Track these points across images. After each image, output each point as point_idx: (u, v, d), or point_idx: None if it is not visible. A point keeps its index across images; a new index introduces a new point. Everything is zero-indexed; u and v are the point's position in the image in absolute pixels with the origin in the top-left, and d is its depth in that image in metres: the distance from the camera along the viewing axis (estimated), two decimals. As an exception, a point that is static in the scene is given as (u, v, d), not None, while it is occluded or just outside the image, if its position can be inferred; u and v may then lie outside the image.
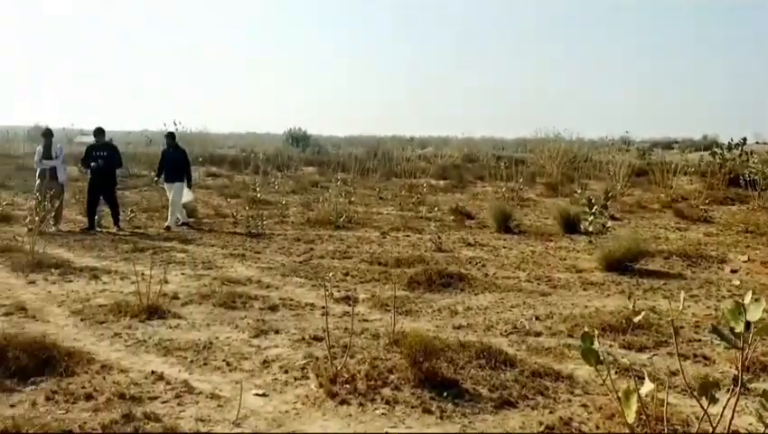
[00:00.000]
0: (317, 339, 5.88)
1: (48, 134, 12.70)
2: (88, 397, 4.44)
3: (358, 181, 21.07)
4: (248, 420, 4.20)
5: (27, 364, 4.82)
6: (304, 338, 5.91)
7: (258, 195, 15.29)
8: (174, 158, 13.02)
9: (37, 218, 10.10)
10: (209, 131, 40.63)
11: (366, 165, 24.19)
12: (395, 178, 23.47)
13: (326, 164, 27.34)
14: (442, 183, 22.80)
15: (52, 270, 8.45)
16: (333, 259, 9.79)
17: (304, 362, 5.28)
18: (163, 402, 4.43)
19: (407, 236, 12.10)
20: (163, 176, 13.30)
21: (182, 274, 8.52)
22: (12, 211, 13.57)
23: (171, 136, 13.40)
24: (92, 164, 12.23)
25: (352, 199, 15.74)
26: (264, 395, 4.62)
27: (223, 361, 5.28)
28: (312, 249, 10.57)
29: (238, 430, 4.06)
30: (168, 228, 12.28)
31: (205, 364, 5.20)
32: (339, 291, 7.65)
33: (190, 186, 13.01)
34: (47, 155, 12.28)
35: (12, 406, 4.29)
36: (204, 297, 7.24)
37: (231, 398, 4.51)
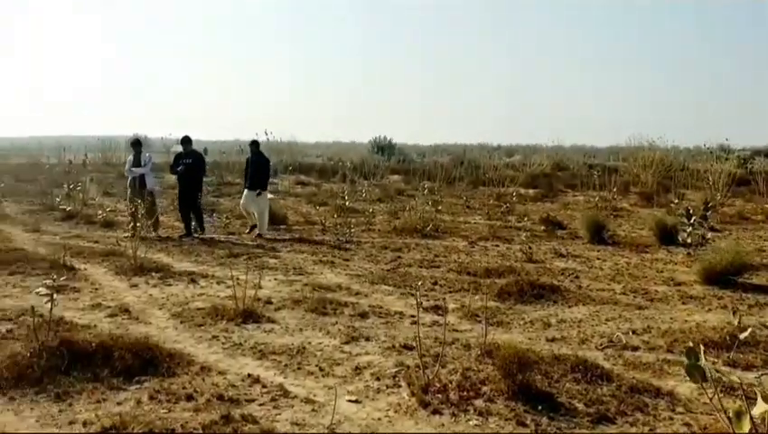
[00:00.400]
0: (407, 347, 5.88)
1: (137, 143, 13.11)
2: (189, 397, 4.59)
3: (444, 189, 21.00)
4: (341, 426, 4.23)
5: (132, 364, 5.03)
6: (394, 346, 5.92)
7: (346, 203, 15.49)
8: (258, 166, 12.98)
9: (138, 224, 10.59)
10: (297, 140, 41.50)
11: (452, 174, 24.10)
12: (482, 187, 23.25)
13: (412, 172, 27.37)
14: (531, 191, 22.43)
15: (153, 274, 8.82)
16: (421, 267, 9.78)
17: (395, 370, 5.28)
18: (260, 405, 4.52)
19: (496, 246, 11.95)
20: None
21: (275, 279, 8.71)
22: (114, 217, 14.28)
23: (254, 143, 13.35)
24: (178, 169, 12.62)
25: (439, 207, 15.70)
26: (357, 401, 4.65)
27: (316, 366, 5.35)
28: (399, 257, 10.59)
29: (333, 436, 4.10)
30: (259, 235, 12.43)
31: (299, 369, 5.29)
32: (428, 300, 7.62)
33: (260, 194, 12.85)
34: (136, 163, 12.68)
35: (118, 403, 4.48)
36: (296, 303, 7.38)
37: (325, 403, 4.56)
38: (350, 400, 4.66)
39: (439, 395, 4.73)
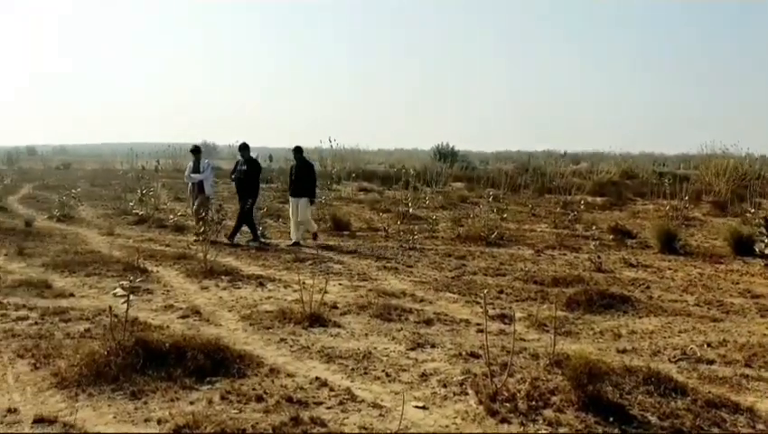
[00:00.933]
0: (474, 355, 5.83)
1: (196, 150, 13.37)
2: (259, 399, 4.66)
3: (509, 197, 20.79)
4: (409, 432, 4.22)
5: (204, 364, 5.14)
6: (460, 354, 5.88)
7: (409, 210, 15.49)
8: (301, 172, 12.72)
9: (203, 228, 10.88)
10: (360, 147, 41.85)
11: (517, 181, 23.84)
12: (548, 194, 22.92)
13: (475, 179, 27.22)
14: (599, 199, 21.95)
15: (223, 277, 9.01)
16: (486, 275, 9.69)
17: (462, 377, 5.24)
18: (328, 408, 4.56)
19: (563, 254, 11.74)
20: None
21: (340, 284, 8.78)
22: (185, 221, 14.68)
23: (296, 149, 13.07)
24: (232, 176, 12.81)
25: (504, 215, 15.54)
26: (424, 408, 4.63)
27: (383, 371, 5.36)
28: (464, 264, 10.53)
29: (401, 441, 4.09)
30: (297, 243, 12.19)
31: (365, 373, 5.31)
32: (494, 308, 7.55)
33: (312, 202, 12.87)
34: (195, 169, 12.88)
35: (191, 403, 4.59)
36: (361, 308, 7.41)
37: (392, 408, 4.56)
38: (416, 407, 4.64)
39: (507, 404, 4.66)
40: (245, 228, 12.60)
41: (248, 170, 12.60)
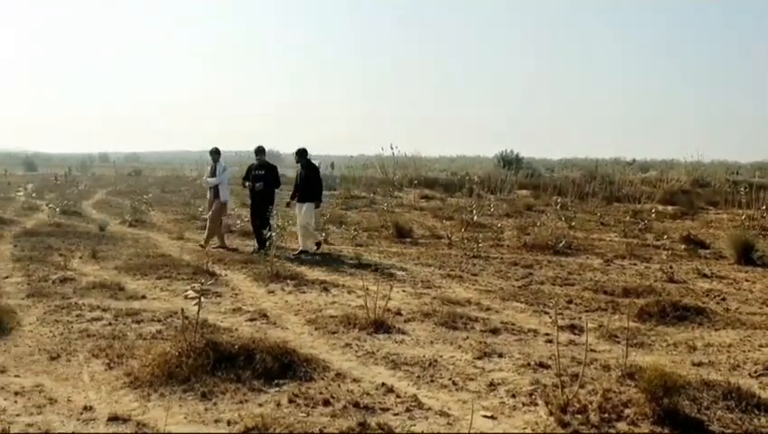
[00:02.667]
0: (543, 366, 5.70)
1: (214, 153, 12.60)
2: (326, 403, 4.66)
3: (576, 205, 20.37)
4: (478, 442, 4.14)
5: (272, 367, 5.18)
6: (529, 364, 5.75)
7: (474, 218, 15.33)
8: (305, 177, 12.01)
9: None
10: (421, 154, 41.74)
11: (584, 189, 23.35)
12: (616, 203, 22.37)
13: (541, 187, 26.80)
14: (669, 208, 21.27)
15: (288, 282, 9.10)
16: (554, 285, 9.49)
17: (531, 388, 5.12)
18: (395, 415, 4.52)
19: (634, 264, 11.41)
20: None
21: (403, 291, 8.74)
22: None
23: (298, 153, 12.32)
24: (247, 183, 12.25)
25: (572, 223, 15.23)
26: (492, 418, 4.54)
27: (449, 379, 5.29)
28: (530, 273, 10.34)
29: (469, 451, 4.02)
30: (304, 252, 11.59)
31: (432, 381, 5.25)
32: (563, 319, 7.37)
33: (318, 207, 12.15)
34: (212, 174, 12.45)
35: (260, 405, 4.62)
36: (426, 316, 7.35)
37: (460, 417, 4.49)
38: (485, 416, 4.56)
39: (579, 416, 4.53)
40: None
41: (265, 175, 12.01)
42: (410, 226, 15.23)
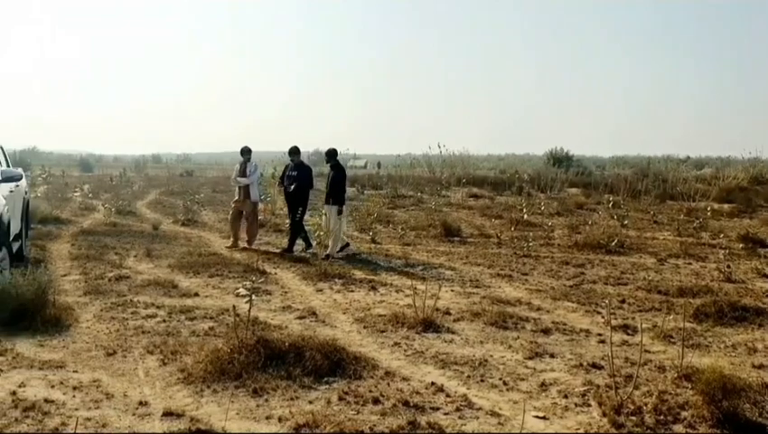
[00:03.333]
0: (596, 366, 5.60)
1: (245, 152, 12.25)
2: (376, 401, 4.66)
3: (628, 203, 19.95)
4: (529, 443, 4.09)
5: (321, 364, 5.20)
6: (581, 364, 5.66)
7: (524, 216, 15.15)
8: (332, 178, 11.74)
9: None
10: (469, 153, 41.48)
11: (636, 187, 22.86)
12: (670, 201, 21.83)
13: (592, 185, 26.35)
14: (726, 206, 20.66)
15: (336, 280, 9.15)
16: (607, 284, 9.31)
17: (583, 388, 5.03)
18: (445, 414, 4.49)
19: (689, 263, 11.12)
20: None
21: (452, 291, 8.69)
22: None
23: (328, 153, 12.11)
24: (281, 183, 12.15)
25: (624, 222, 14.92)
26: (544, 418, 4.48)
27: (500, 379, 5.24)
28: (582, 273, 10.17)
29: (521, 452, 3.96)
30: (328, 256, 10.82)
31: (482, 381, 5.20)
32: (616, 319, 7.21)
33: (340, 211, 11.49)
34: (242, 173, 12.13)
35: (310, 402, 4.65)
36: (475, 315, 7.30)
37: (511, 417, 4.44)
38: (536, 417, 4.50)
39: (633, 417, 4.43)
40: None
41: (297, 177, 11.82)
42: (458, 225, 15.14)
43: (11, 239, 8.27)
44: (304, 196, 11.93)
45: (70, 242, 12.17)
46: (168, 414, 4.36)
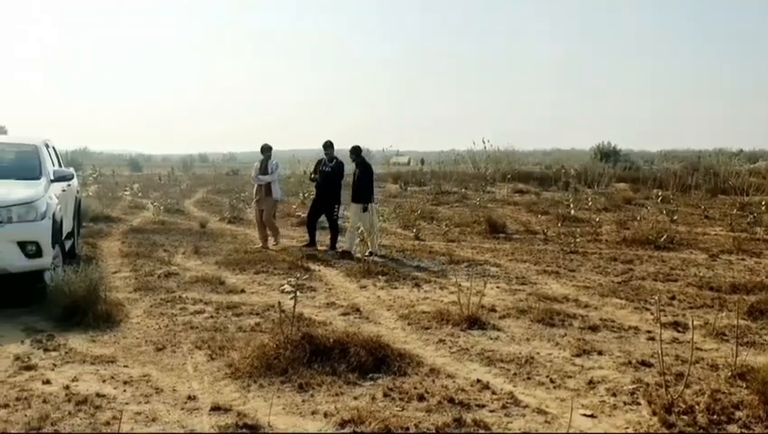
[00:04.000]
0: (645, 364, 5.48)
1: (266, 149, 12.14)
2: (421, 398, 4.64)
3: (678, 198, 19.50)
4: (577, 441, 4.02)
5: (366, 361, 5.20)
6: (630, 362, 5.54)
7: (571, 212, 14.93)
8: (359, 176, 11.53)
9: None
10: (514, 148, 41.07)
11: (686, 181, 22.32)
12: (721, 195, 21.25)
13: (640, 180, 25.82)
14: (781, 200, 20.01)
15: (379, 277, 9.15)
16: (656, 281, 9.11)
17: (632, 386, 4.93)
18: (491, 411, 4.45)
19: (742, 259, 10.81)
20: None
21: (498, 287, 8.61)
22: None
23: (353, 150, 11.81)
24: (313, 177, 11.96)
25: (674, 217, 14.59)
26: (592, 416, 4.40)
27: (546, 377, 5.17)
28: (631, 269, 9.97)
29: (569, 450, 3.90)
30: (371, 253, 10.83)
31: (528, 378, 5.13)
32: (665, 315, 7.05)
33: (365, 209, 11.24)
34: (263, 171, 11.96)
35: (355, 398, 4.66)
36: (521, 312, 7.22)
37: (558, 415, 4.37)
38: (584, 415, 4.42)
39: (685, 417, 4.32)
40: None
41: (333, 171, 11.67)
42: (504, 221, 15.01)
43: (63, 237, 8.50)
44: (338, 191, 11.81)
45: (121, 240, 12.46)
46: (216, 408, 4.42)
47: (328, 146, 11.83)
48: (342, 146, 12.53)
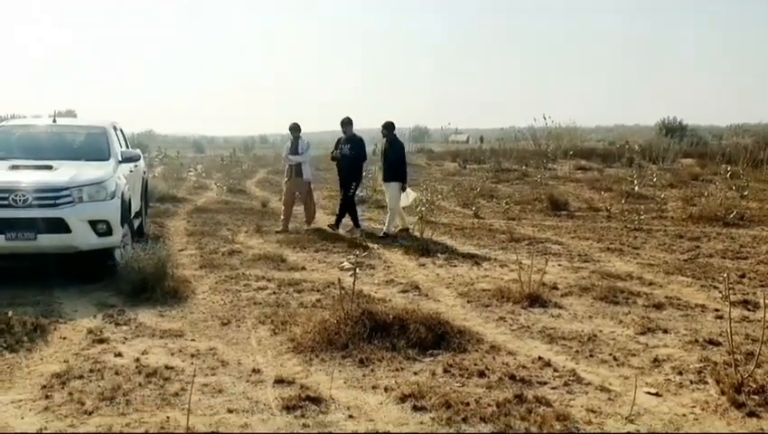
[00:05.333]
0: (713, 343, 5.34)
1: (295, 128, 11.61)
2: (481, 374, 4.64)
3: (748, 173, 18.75)
4: (641, 418, 3.95)
5: (426, 337, 5.22)
6: (696, 340, 5.41)
7: (635, 188, 14.57)
8: (389, 153, 11.12)
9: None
10: (576, 125, 40.18)
11: (758, 156, 21.44)
12: (795, 170, 20.33)
13: (708, 155, 24.95)
14: None
15: (439, 255, 9.15)
16: (725, 258, 8.83)
17: (699, 365, 4.81)
18: (553, 388, 4.41)
19: (818, 236, 10.36)
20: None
21: (559, 265, 8.50)
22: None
23: (386, 126, 11.22)
24: (334, 154, 11.40)
25: (744, 193, 14.06)
26: (657, 395, 4.31)
27: (610, 355, 5.09)
28: (698, 246, 9.68)
29: (633, 427, 3.84)
30: (385, 234, 10.69)
31: (591, 356, 5.07)
32: (734, 294, 6.83)
33: (404, 188, 10.96)
34: (293, 151, 11.52)
35: (415, 373, 4.69)
36: (584, 290, 7.11)
37: (621, 393, 4.31)
38: (648, 393, 4.34)
39: (755, 397, 4.19)
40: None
41: (351, 150, 11.24)
42: (565, 198, 14.76)
43: (132, 216, 8.78)
44: (359, 170, 11.49)
45: (186, 219, 12.79)
46: (280, 381, 4.52)
47: (346, 123, 11.34)
48: (402, 125, 12.43)
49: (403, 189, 10.91)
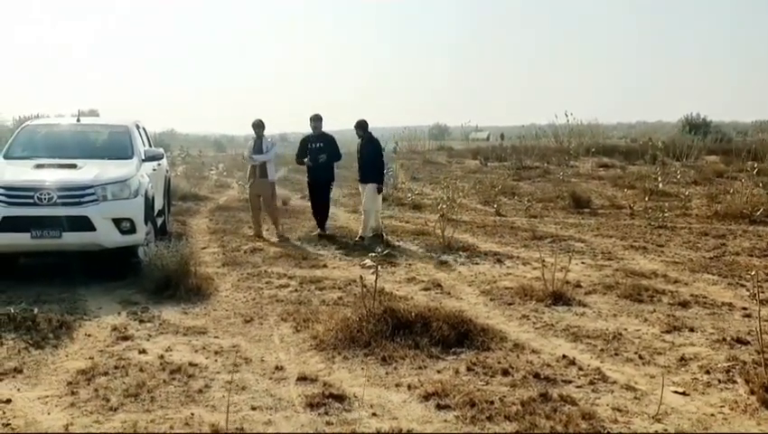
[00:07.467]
0: (741, 342, 5.26)
1: (258, 125, 10.66)
2: (505, 372, 4.60)
3: (774, 170, 18.46)
4: (668, 417, 3.90)
5: (449, 335, 5.19)
6: (724, 339, 5.33)
7: (658, 186, 14.40)
8: (365, 152, 10.48)
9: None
10: (598, 122, 39.80)
11: (784, 153, 21.13)
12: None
13: (732, 152, 24.60)
14: None
15: (460, 253, 9.10)
16: (752, 256, 8.69)
17: (727, 364, 4.74)
18: (578, 387, 4.37)
19: None
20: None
21: (583, 263, 8.42)
22: (421, 199, 15.11)
23: (359, 125, 10.56)
24: (305, 159, 10.59)
25: (772, 190, 13.84)
26: (684, 394, 4.25)
27: (635, 353, 5.03)
28: (723, 244, 9.55)
29: (660, 427, 3.78)
30: (362, 238, 10.12)
31: (616, 355, 5.01)
32: (763, 292, 6.71)
33: (380, 190, 10.41)
34: (257, 150, 10.63)
35: (438, 372, 4.67)
36: (608, 288, 7.04)
37: (647, 392, 4.26)
38: (675, 392, 4.28)
39: (785, 397, 4.12)
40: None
41: (322, 149, 10.50)
42: (588, 196, 14.64)
43: (155, 214, 8.85)
44: (332, 169, 10.68)
45: (208, 217, 12.87)
46: (302, 379, 4.53)
47: (315, 119, 10.59)
48: (421, 123, 12.43)
49: (379, 190, 10.38)
